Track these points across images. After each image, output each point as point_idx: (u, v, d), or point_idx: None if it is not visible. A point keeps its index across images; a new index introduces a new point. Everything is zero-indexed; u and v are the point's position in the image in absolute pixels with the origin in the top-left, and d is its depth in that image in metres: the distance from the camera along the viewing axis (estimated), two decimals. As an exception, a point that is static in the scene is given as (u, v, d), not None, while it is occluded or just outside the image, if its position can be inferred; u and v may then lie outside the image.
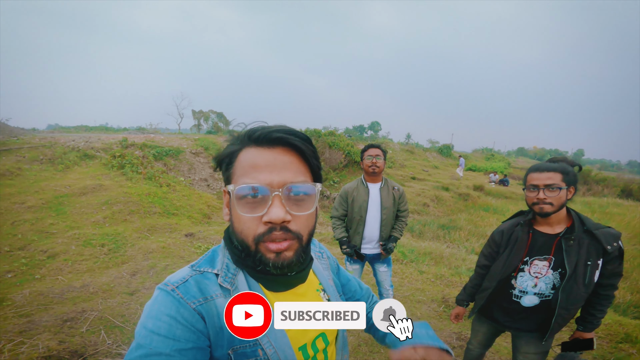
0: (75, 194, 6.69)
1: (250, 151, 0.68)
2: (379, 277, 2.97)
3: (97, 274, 3.87)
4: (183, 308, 0.62)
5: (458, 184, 16.40)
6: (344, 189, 2.87)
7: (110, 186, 7.23)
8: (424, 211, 11.46)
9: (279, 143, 0.67)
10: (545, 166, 1.66)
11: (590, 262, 1.60)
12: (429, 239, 7.76)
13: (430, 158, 28.06)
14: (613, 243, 1.59)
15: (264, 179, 0.64)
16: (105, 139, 10.75)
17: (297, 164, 0.69)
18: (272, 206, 0.64)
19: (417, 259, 5.61)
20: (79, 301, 3.17)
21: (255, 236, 0.65)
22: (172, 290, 0.64)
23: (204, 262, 0.72)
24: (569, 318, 1.71)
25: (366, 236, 2.82)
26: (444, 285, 4.53)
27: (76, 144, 9.64)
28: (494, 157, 35.06)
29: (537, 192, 1.63)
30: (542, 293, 1.73)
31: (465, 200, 13.84)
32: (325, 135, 15.39)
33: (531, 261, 1.74)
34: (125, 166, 8.68)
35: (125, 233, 5.20)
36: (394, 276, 4.65)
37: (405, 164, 21.80)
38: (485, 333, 2.10)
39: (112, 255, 4.46)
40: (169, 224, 5.99)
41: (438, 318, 3.52)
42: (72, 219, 5.67)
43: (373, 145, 2.80)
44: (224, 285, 0.68)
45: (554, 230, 1.70)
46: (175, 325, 0.60)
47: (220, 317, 0.64)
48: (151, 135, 14.15)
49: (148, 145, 10.42)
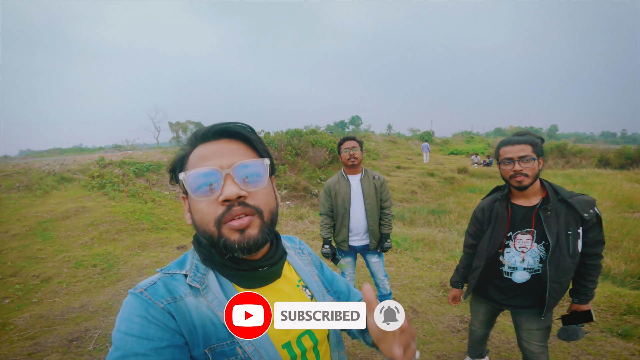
0: (59, 218, 6.57)
1: (199, 149, 0.71)
2: (372, 268, 3.01)
3: (94, 294, 3.86)
4: (152, 308, 0.63)
5: (442, 169, 16.73)
6: (327, 184, 2.91)
7: (93, 207, 7.10)
8: (413, 198, 11.66)
9: (222, 135, 0.71)
10: (516, 139, 1.71)
11: (570, 232, 1.64)
12: (421, 225, 7.88)
13: (413, 146, 28.43)
14: (589, 210, 1.63)
15: (213, 164, 0.67)
16: (81, 160, 10.52)
17: (244, 150, 0.72)
18: (225, 185, 0.65)
19: (411, 247, 5.68)
20: (80, 321, 3.17)
21: (215, 219, 0.66)
22: (141, 292, 0.65)
23: (173, 265, 0.74)
24: (562, 291, 1.74)
25: (353, 228, 2.85)
26: (441, 269, 4.61)
27: (51, 167, 9.40)
28: (474, 139, 35.71)
29: (513, 165, 1.67)
30: (531, 267, 1.76)
31: (451, 184, 14.16)
32: (307, 134, 15.41)
33: (514, 236, 1.78)
34: (106, 186, 8.52)
35: (115, 252, 5.14)
36: (389, 266, 4.72)
37: (389, 155, 22.04)
38: (484, 313, 2.13)
39: (106, 275, 4.43)
40: (159, 239, 5.93)
41: (439, 303, 3.57)
42: (59, 243, 5.59)
43: (348, 138, 2.83)
44: (192, 284, 0.68)
45: (531, 203, 1.74)
46: (147, 325, 0.61)
47: (191, 316, 0.65)
48: (129, 152, 13.91)
49: (127, 162, 10.25)
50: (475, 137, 39.26)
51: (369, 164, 17.38)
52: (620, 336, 2.93)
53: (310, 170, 12.93)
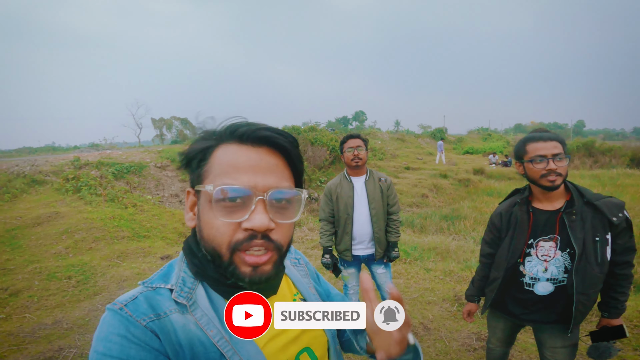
0: (29, 225, 6.59)
1: (231, 148, 0.67)
2: (378, 280, 2.99)
3: (68, 309, 3.86)
4: (133, 326, 0.61)
5: (457, 170, 16.76)
6: (327, 186, 2.90)
7: (68, 213, 7.12)
8: (424, 203, 11.67)
9: (264, 143, 0.67)
10: (547, 135, 1.69)
11: (598, 238, 1.61)
12: (432, 232, 7.88)
13: (423, 144, 28.55)
14: (618, 214, 1.61)
15: (247, 181, 0.64)
16: (53, 160, 10.55)
17: (282, 168, 0.69)
18: (255, 212, 0.63)
19: (422, 256, 5.67)
20: (53, 339, 3.17)
21: (231, 244, 0.64)
22: (120, 308, 0.63)
23: (157, 278, 0.72)
24: (590, 304, 1.71)
25: (356, 236, 2.85)
26: (455, 281, 4.59)
27: (21, 169, 9.43)
28: (491, 137, 35.88)
29: (546, 163, 1.64)
30: (555, 278, 1.73)
31: (466, 187, 14.18)
32: (305, 131, 15.48)
33: (536, 243, 1.76)
34: (82, 189, 8.55)
35: (92, 262, 5.15)
36: (398, 277, 4.72)
37: (397, 154, 22.10)
38: (503, 329, 2.12)
39: (82, 288, 4.43)
40: (141, 248, 5.94)
41: (453, 319, 3.55)
42: (29, 253, 5.61)
43: (352, 136, 2.82)
44: (179, 300, 0.67)
45: (554, 206, 1.73)
46: (127, 345, 0.59)
47: (177, 335, 0.64)
48: (107, 151, 13.96)
49: (105, 163, 10.29)
50: (493, 135, 39.42)
51: (375, 165, 17.42)
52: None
53: (309, 172, 12.95)
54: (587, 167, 19.95)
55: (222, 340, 0.66)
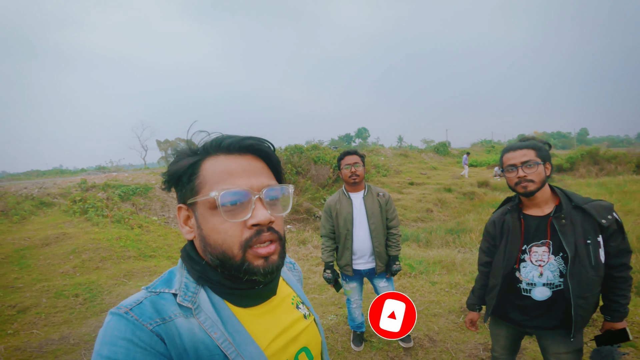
0: (37, 245, 6.68)
1: (220, 159, 0.73)
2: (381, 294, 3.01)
3: (75, 325, 3.91)
4: (139, 330, 0.62)
5: (461, 183, 16.73)
6: (327, 203, 2.94)
7: (75, 234, 7.21)
8: (428, 217, 11.63)
9: (249, 150, 0.75)
10: (517, 145, 1.78)
11: (590, 241, 1.64)
12: (438, 246, 7.83)
13: (426, 159, 28.53)
14: (607, 216, 1.64)
15: (244, 183, 0.71)
16: (61, 183, 10.70)
17: (266, 170, 0.77)
18: (257, 209, 0.70)
19: (427, 270, 5.64)
20: (60, 354, 3.20)
21: (242, 242, 0.69)
22: (126, 312, 0.64)
23: (159, 283, 0.74)
24: (589, 307, 1.72)
25: (356, 251, 2.87)
26: (461, 293, 4.58)
27: (29, 191, 9.57)
28: (495, 149, 35.88)
29: (516, 171, 1.73)
30: (552, 282, 1.75)
31: (471, 200, 14.11)
32: (308, 150, 15.49)
33: (529, 248, 1.79)
34: (89, 210, 8.65)
35: (99, 281, 5.21)
36: (403, 291, 4.68)
37: (400, 170, 22.11)
38: (506, 336, 2.10)
39: (89, 305, 4.48)
40: (147, 267, 5.99)
41: (459, 330, 3.54)
42: (38, 272, 5.68)
43: (349, 152, 2.86)
44: (183, 304, 0.69)
45: (543, 212, 1.78)
46: (133, 349, 0.60)
47: (182, 338, 0.65)
48: (113, 173, 14.11)
49: (111, 185, 10.41)
50: (496, 146, 39.37)
51: (378, 181, 17.42)
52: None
53: (312, 190, 12.95)
54: (592, 175, 19.78)
55: (226, 342, 0.68)
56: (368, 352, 3.19)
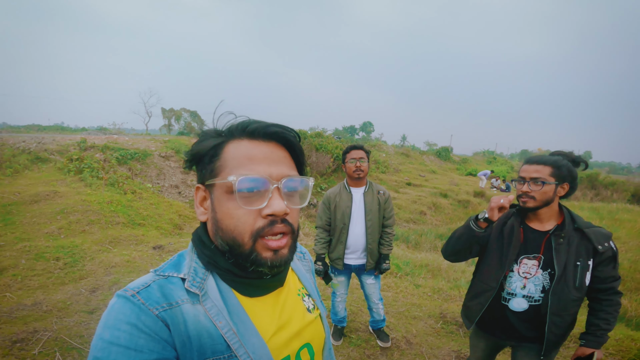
0: (26, 201, 6.58)
1: (243, 144, 0.71)
2: (367, 290, 3.03)
3: (51, 291, 3.81)
4: (145, 315, 0.61)
5: (457, 190, 16.71)
6: (327, 195, 2.91)
7: (66, 193, 7.12)
8: (421, 220, 11.64)
9: (274, 138, 0.72)
10: (536, 159, 1.73)
11: (580, 263, 1.65)
12: (426, 250, 7.87)
13: (427, 162, 28.50)
14: (604, 243, 1.65)
15: (264, 171, 0.68)
16: (60, 140, 10.60)
17: (289, 159, 0.74)
18: (273, 198, 0.67)
19: (413, 272, 5.68)
20: (30, 320, 3.11)
21: (254, 231, 0.67)
22: (132, 295, 0.63)
23: (168, 266, 0.72)
24: (564, 326, 1.73)
25: (350, 245, 2.86)
26: (442, 299, 4.59)
27: (27, 145, 9.47)
28: (496, 161, 35.79)
29: (523, 185, 1.71)
30: (531, 296, 1.75)
31: (465, 208, 14.16)
32: (311, 136, 15.51)
33: (520, 260, 1.78)
34: (84, 171, 8.56)
35: (83, 245, 5.12)
36: (387, 290, 4.70)
37: (400, 169, 22.08)
38: (484, 349, 2.10)
39: (69, 270, 4.39)
40: (134, 236, 5.92)
41: (435, 335, 3.54)
42: (22, 230, 5.58)
43: (356, 147, 2.81)
44: (191, 289, 0.68)
45: (544, 227, 1.75)
46: (136, 334, 0.59)
47: (187, 325, 0.64)
48: (114, 136, 14.01)
49: (110, 147, 10.31)
50: (498, 158, 39.33)
51: (377, 177, 17.40)
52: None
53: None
54: (587, 199, 19.89)
55: (230, 332, 0.66)
56: (346, 348, 3.19)
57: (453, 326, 3.72)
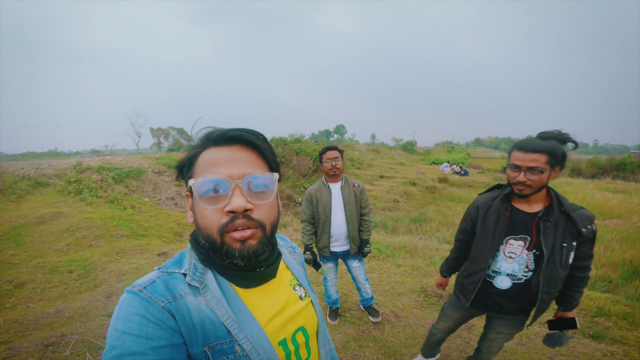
0: (33, 223, 6.35)
1: (209, 151, 0.72)
2: (353, 273, 3.11)
3: (69, 300, 3.75)
4: (152, 307, 0.63)
5: (424, 178, 17.04)
6: (308, 192, 2.97)
7: (70, 213, 6.90)
8: (395, 207, 11.80)
9: (235, 141, 0.73)
10: (532, 146, 1.55)
11: (565, 244, 1.59)
12: (403, 233, 7.96)
13: (395, 156, 28.87)
14: (588, 225, 1.58)
15: (224, 172, 0.69)
16: (57, 164, 10.19)
17: (254, 159, 0.74)
18: (233, 196, 0.68)
19: (393, 254, 5.74)
20: (56, 326, 3.07)
21: (219, 227, 0.68)
22: (140, 290, 0.65)
23: (171, 264, 0.74)
24: (550, 301, 1.71)
25: (334, 234, 2.92)
26: (421, 275, 4.68)
27: (26, 172, 9.09)
28: (454, 149, 36.67)
29: (519, 174, 1.57)
30: (515, 275, 1.71)
31: (432, 193, 14.43)
32: (291, 142, 15.46)
33: (506, 240, 1.71)
34: (84, 191, 8.29)
35: (93, 258, 5.00)
36: (372, 272, 4.77)
37: (372, 164, 22.28)
38: (457, 319, 2.10)
39: (83, 281, 4.30)
40: (139, 245, 5.81)
41: (419, 307, 3.64)
42: (33, 249, 5.40)
43: (330, 148, 2.89)
44: (192, 283, 0.69)
45: (532, 209, 1.66)
46: (146, 324, 0.61)
47: (191, 315, 0.66)
48: (108, 157, 13.58)
49: (106, 167, 10.01)
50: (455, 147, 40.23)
51: (353, 173, 17.53)
52: (592, 338, 3.06)
53: (294, 179, 12.94)
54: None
55: (230, 319, 0.68)
56: (342, 326, 3.24)
57: (434, 298, 3.83)
